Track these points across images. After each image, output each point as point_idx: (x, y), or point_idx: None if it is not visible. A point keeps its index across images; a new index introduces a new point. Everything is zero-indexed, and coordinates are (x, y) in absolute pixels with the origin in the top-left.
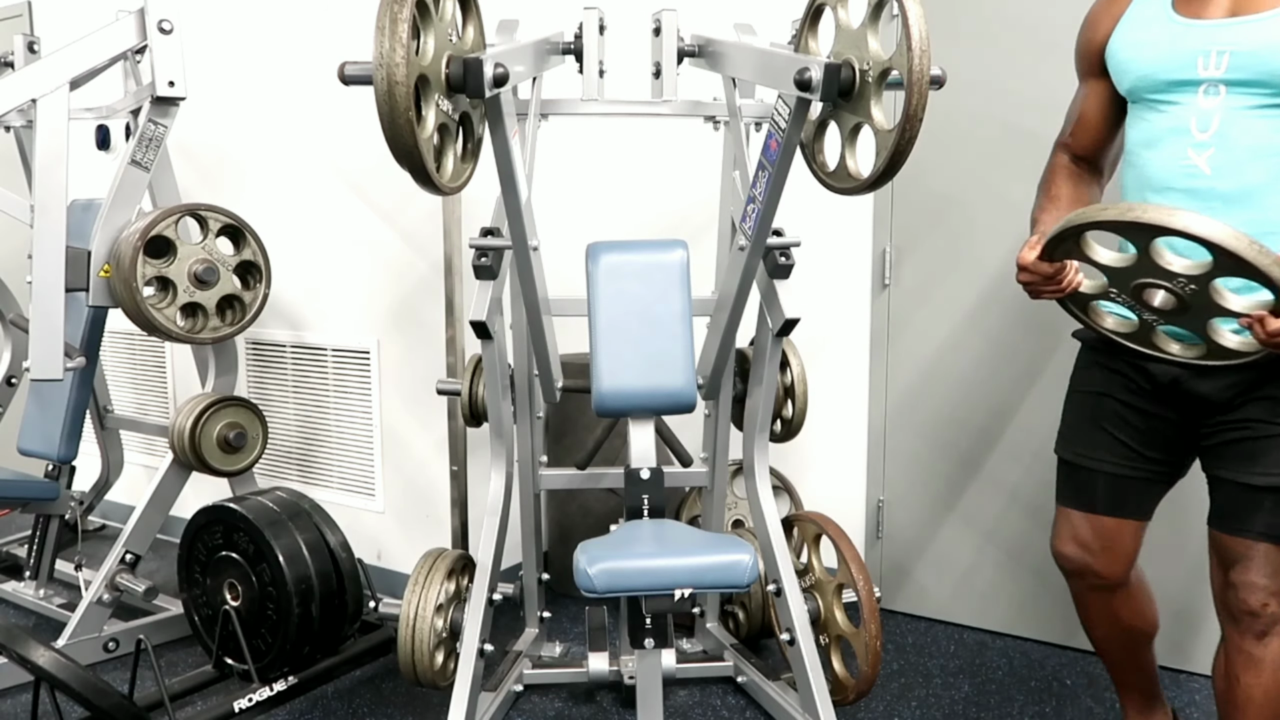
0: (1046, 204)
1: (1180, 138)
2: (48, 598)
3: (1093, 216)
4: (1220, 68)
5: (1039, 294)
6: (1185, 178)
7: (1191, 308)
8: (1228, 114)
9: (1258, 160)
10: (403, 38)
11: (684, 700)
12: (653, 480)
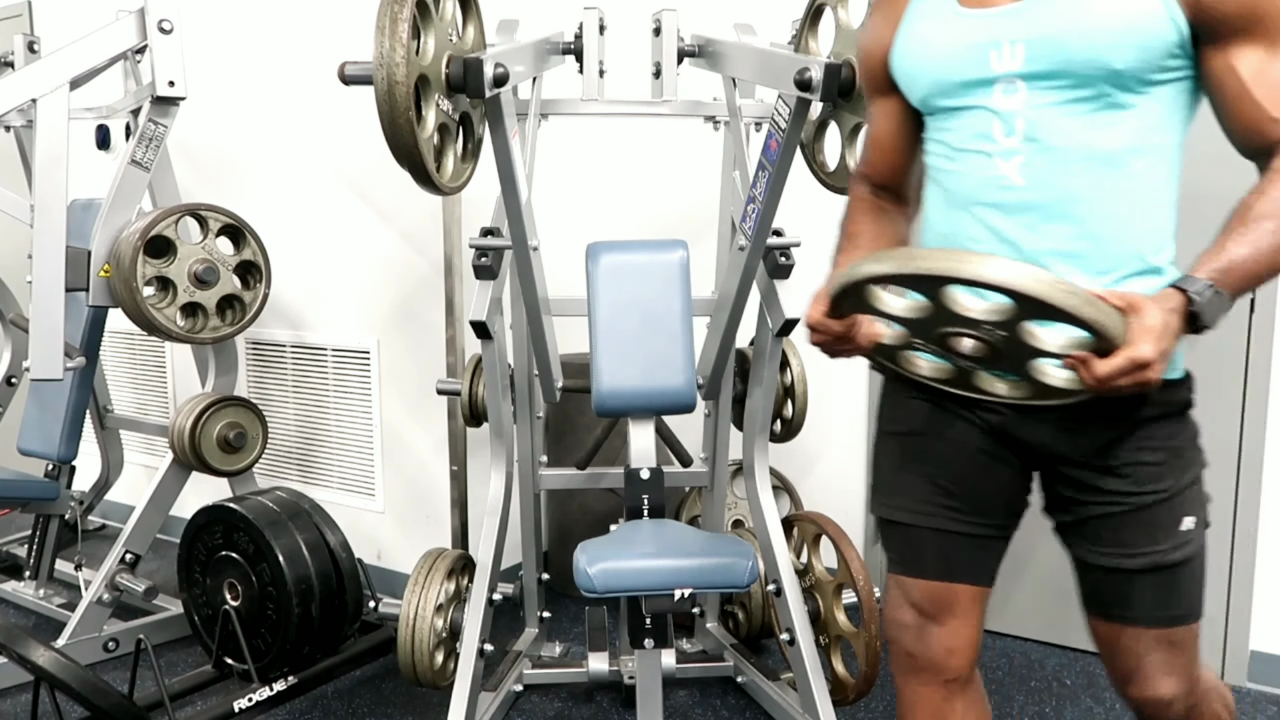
0: (845, 245)
1: (983, 145)
2: (48, 598)
3: (869, 270)
4: (1015, 60)
5: (835, 353)
6: (995, 190)
7: (1005, 353)
8: (1033, 113)
9: (1074, 164)
10: (403, 38)
11: (684, 700)
12: (653, 480)
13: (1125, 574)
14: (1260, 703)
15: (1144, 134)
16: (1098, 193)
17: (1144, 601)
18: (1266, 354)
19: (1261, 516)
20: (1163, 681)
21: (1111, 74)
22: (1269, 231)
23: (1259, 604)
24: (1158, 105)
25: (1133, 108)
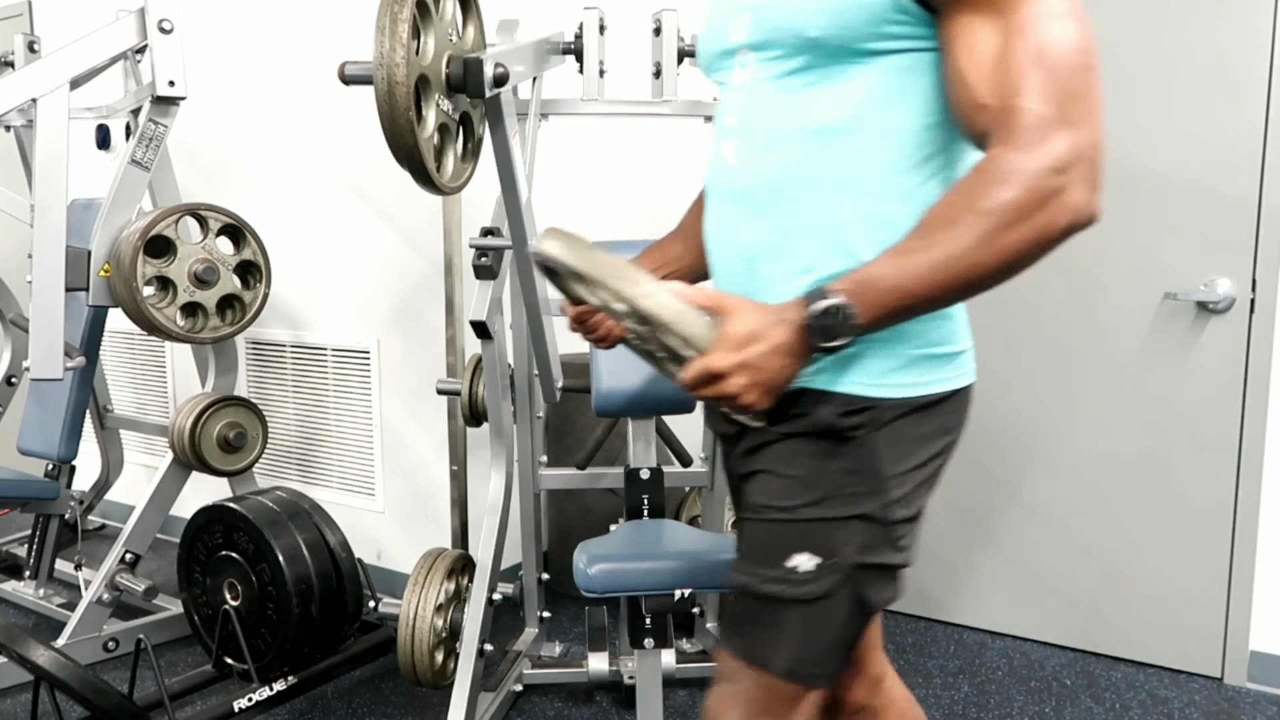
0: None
1: (720, 125)
2: (48, 597)
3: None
4: (743, 30)
5: (596, 343)
6: (718, 176)
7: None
8: (752, 89)
9: (774, 148)
10: (403, 38)
11: (684, 700)
12: (653, 480)
13: (733, 586)
14: (1260, 703)
15: (858, 110)
16: (799, 177)
17: (728, 620)
18: (1266, 354)
19: (1261, 516)
20: (717, 713)
21: (809, 42)
22: (933, 245)
23: (1259, 604)
24: (879, 78)
25: (844, 81)
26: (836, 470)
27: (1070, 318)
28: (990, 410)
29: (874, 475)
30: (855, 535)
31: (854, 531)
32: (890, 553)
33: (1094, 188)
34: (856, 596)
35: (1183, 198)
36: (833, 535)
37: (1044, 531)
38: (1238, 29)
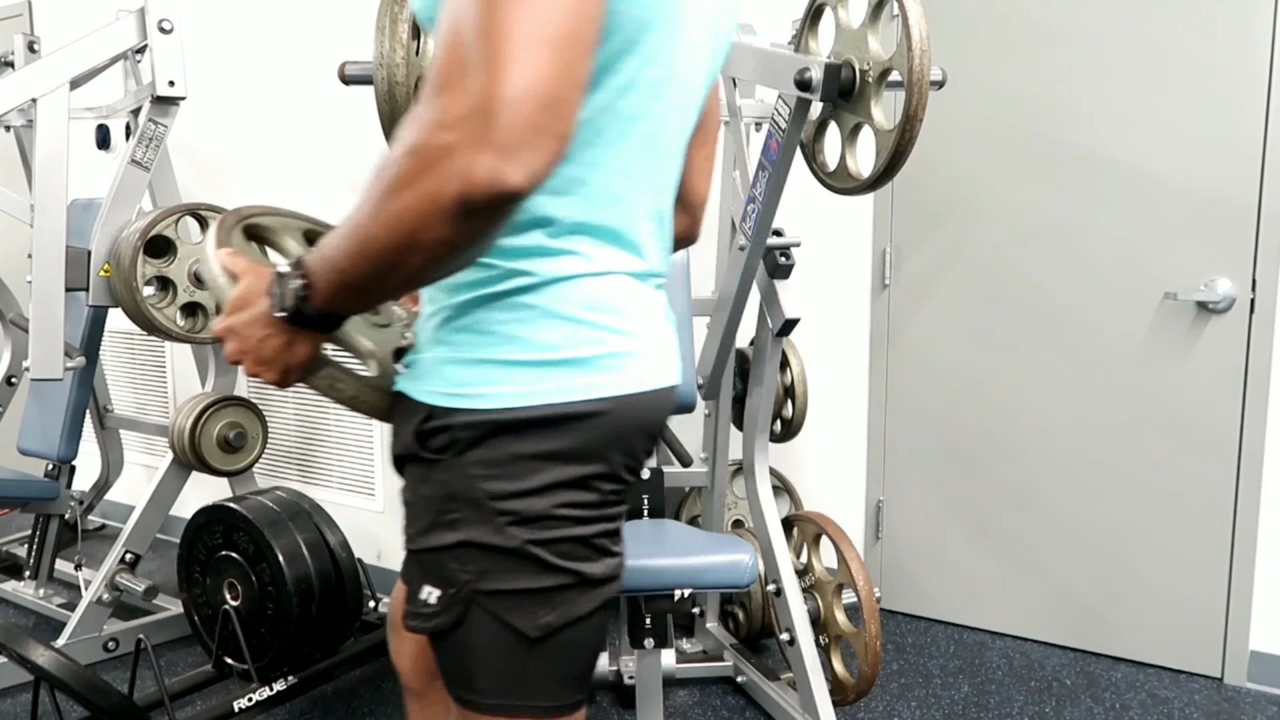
0: None
1: None
2: (48, 597)
3: None
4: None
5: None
6: None
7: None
8: None
9: None
10: (403, 38)
11: (684, 700)
12: (653, 480)
13: None
14: (1260, 703)
15: None
16: None
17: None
18: (1266, 354)
19: (1261, 516)
20: None
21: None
22: (350, 216)
23: (1259, 604)
24: None
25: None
26: (431, 496)
27: (1070, 317)
28: (989, 410)
29: (470, 501)
30: (468, 563)
31: (464, 559)
32: (532, 576)
33: (495, 148)
34: (502, 622)
35: (1183, 198)
36: (446, 564)
37: (1044, 531)
38: (1238, 29)
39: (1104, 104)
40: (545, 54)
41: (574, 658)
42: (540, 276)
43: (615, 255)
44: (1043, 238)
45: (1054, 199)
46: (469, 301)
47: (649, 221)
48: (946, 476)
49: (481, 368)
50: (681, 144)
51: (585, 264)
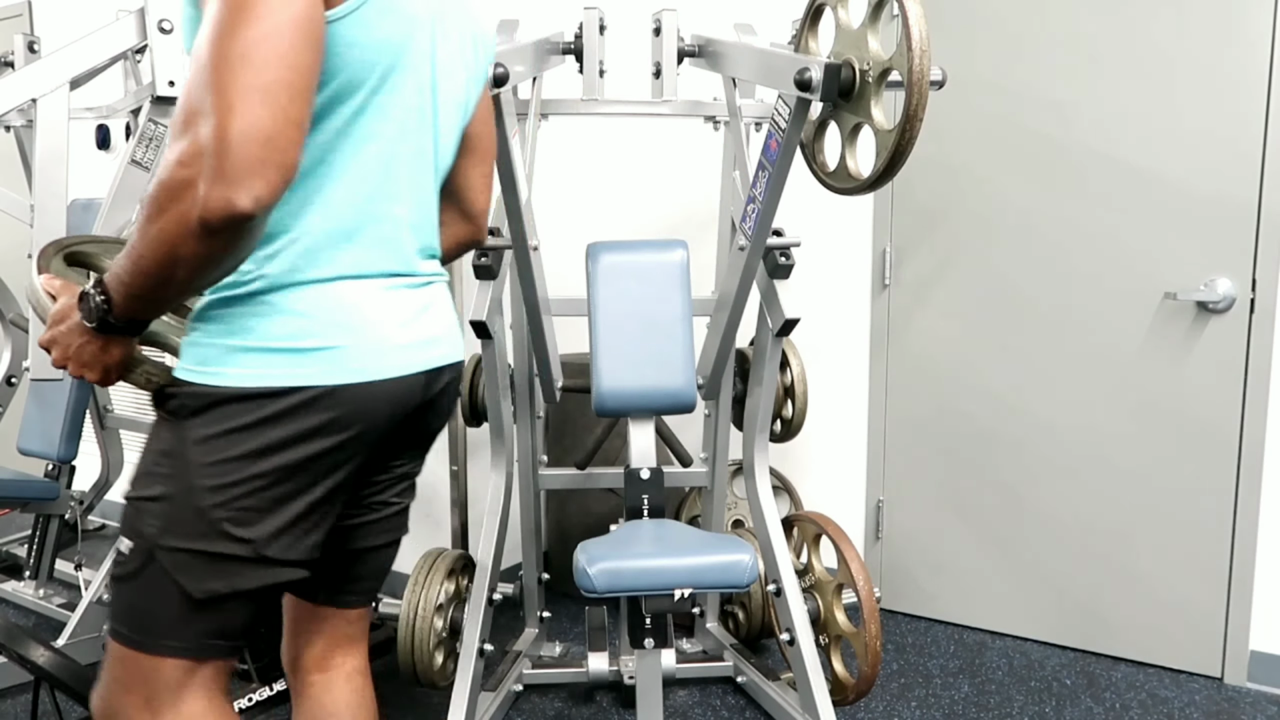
0: None
1: None
2: (48, 597)
3: None
4: None
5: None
6: None
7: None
8: None
9: None
10: None
11: (684, 700)
12: (653, 480)
13: None
14: (1260, 703)
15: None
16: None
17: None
18: (1266, 354)
19: (1261, 516)
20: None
21: None
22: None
23: (1259, 604)
24: None
25: None
26: (153, 450)
27: (1070, 317)
28: (989, 410)
29: (180, 458)
30: (156, 517)
31: (155, 513)
32: (211, 541)
33: (225, 179)
34: (171, 579)
35: (1183, 198)
36: (141, 514)
37: (1044, 531)
38: (1238, 29)
39: (1104, 104)
40: (261, 100)
41: (228, 624)
42: (276, 279)
43: (350, 261)
44: (1043, 238)
45: (1054, 199)
46: (221, 299)
47: (389, 230)
48: (946, 476)
49: (219, 350)
50: (428, 164)
51: (319, 270)
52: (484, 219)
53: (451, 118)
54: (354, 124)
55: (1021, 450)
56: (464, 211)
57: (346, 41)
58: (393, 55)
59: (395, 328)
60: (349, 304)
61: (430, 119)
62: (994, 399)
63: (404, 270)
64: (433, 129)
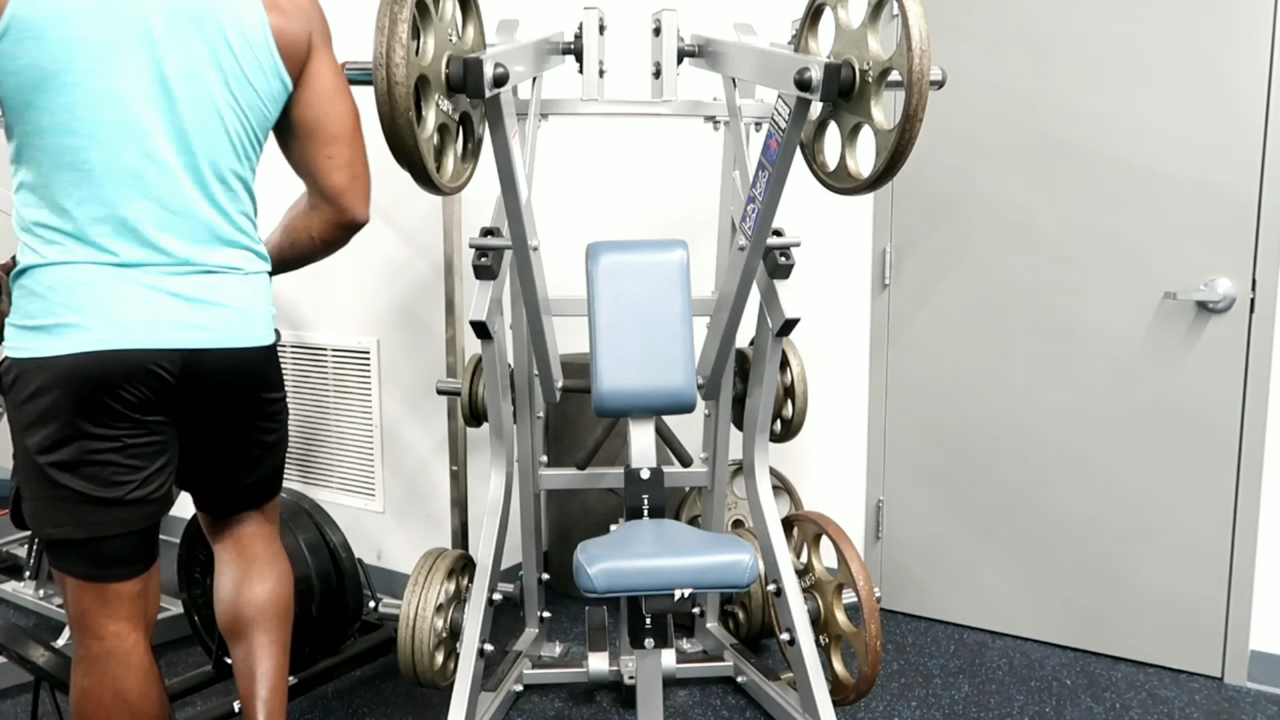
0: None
1: None
2: (48, 598)
3: None
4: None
5: None
6: None
7: None
8: None
9: None
10: (403, 38)
11: (684, 700)
12: (653, 480)
13: None
14: (1260, 702)
15: None
16: None
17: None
18: (1266, 354)
19: (1261, 516)
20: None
21: None
22: None
23: (1259, 604)
24: None
25: None
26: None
27: (1070, 317)
28: (989, 410)
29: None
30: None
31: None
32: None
33: None
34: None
35: (1182, 197)
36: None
37: (1044, 531)
38: (1237, 28)
39: (1104, 103)
40: None
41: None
42: (28, 264)
43: (80, 250)
44: (1043, 237)
45: (1054, 199)
46: (11, 277)
47: (108, 225)
48: (946, 476)
49: (9, 328)
50: (170, 166)
51: (57, 254)
52: (346, 199)
53: (203, 118)
54: (37, 137)
55: (1021, 450)
56: (322, 195)
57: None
58: (59, 78)
59: (115, 308)
60: (75, 288)
61: (157, 125)
62: (994, 399)
63: (130, 261)
64: (168, 134)
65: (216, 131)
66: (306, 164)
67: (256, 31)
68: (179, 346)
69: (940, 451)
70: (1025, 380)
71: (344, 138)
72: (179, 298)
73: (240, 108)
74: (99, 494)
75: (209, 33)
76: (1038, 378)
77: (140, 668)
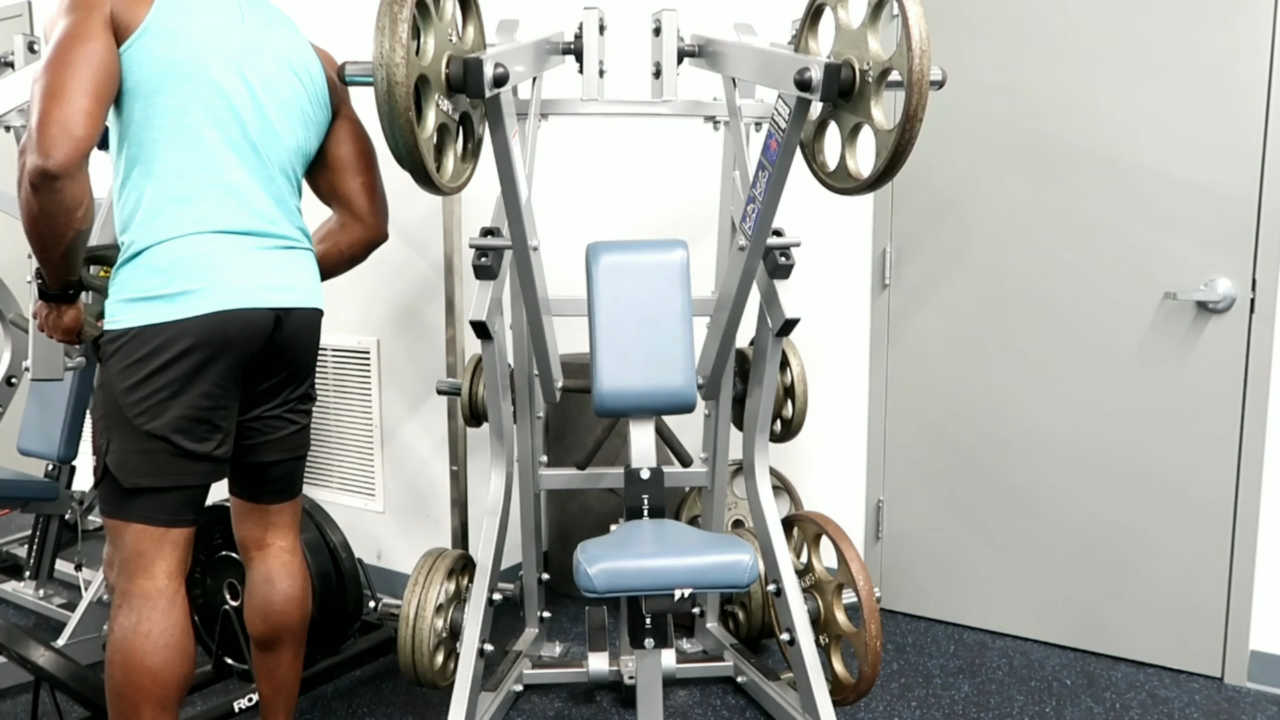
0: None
1: None
2: (48, 598)
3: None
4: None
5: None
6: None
7: None
8: None
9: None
10: (403, 38)
11: (684, 700)
12: (653, 480)
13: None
14: (1260, 702)
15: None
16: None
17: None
18: (1266, 354)
19: (1261, 516)
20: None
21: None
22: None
23: (1259, 604)
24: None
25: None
26: (96, 388)
27: (1070, 317)
28: (989, 410)
29: (108, 387)
30: (104, 431)
31: (102, 429)
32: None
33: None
34: (111, 476)
35: (1183, 197)
36: (98, 431)
37: (1044, 531)
38: (1238, 28)
39: (1104, 103)
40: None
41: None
42: (140, 244)
43: (188, 221)
44: (1043, 237)
45: (1054, 199)
46: (120, 264)
47: (217, 194)
48: (946, 476)
49: (117, 304)
50: (232, 144)
51: (167, 230)
52: (372, 219)
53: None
54: (161, 117)
55: (1021, 450)
56: (354, 215)
57: (136, 60)
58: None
59: (228, 273)
60: (191, 258)
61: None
62: (994, 399)
63: (234, 228)
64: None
65: (289, 133)
66: (340, 191)
67: (315, 68)
68: (274, 305)
69: (940, 451)
70: (1025, 380)
71: (373, 168)
72: (271, 267)
73: (307, 124)
74: (191, 447)
75: (283, 56)
76: (1038, 378)
77: (182, 606)
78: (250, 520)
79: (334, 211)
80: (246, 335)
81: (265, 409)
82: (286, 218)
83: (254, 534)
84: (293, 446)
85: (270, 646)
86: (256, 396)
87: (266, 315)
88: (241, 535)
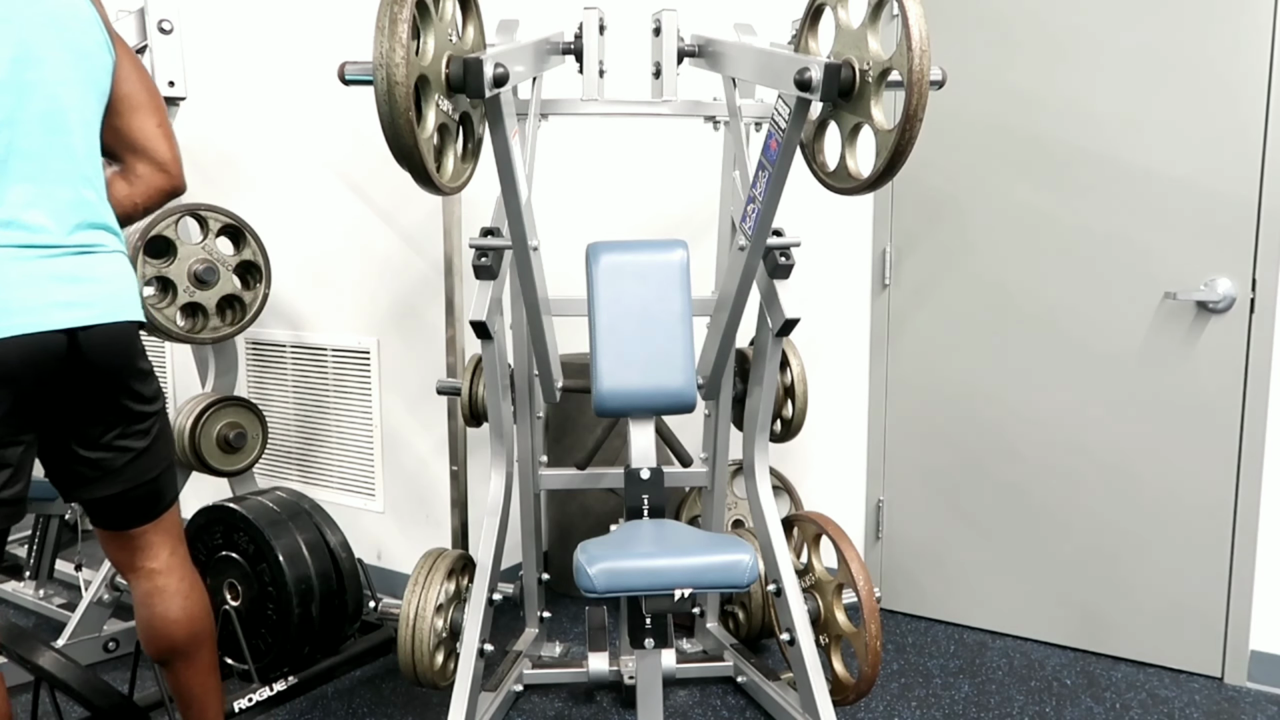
0: None
1: None
2: (48, 598)
3: None
4: None
5: None
6: None
7: None
8: None
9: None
10: (403, 38)
11: (684, 700)
12: (653, 480)
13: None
14: (1260, 702)
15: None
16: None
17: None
18: (1266, 354)
19: (1262, 516)
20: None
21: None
22: None
23: (1259, 604)
24: None
25: None
26: None
27: (1070, 317)
28: (989, 410)
29: None
30: None
31: None
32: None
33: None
34: None
35: (1183, 197)
36: None
37: (1044, 531)
38: (1238, 29)
39: (1104, 103)
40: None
41: None
42: None
43: None
44: (1043, 237)
45: (1054, 199)
46: None
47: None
48: (946, 476)
49: None
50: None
51: None
52: (174, 166)
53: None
54: None
55: (1021, 450)
56: (152, 162)
57: None
58: None
59: (15, 291)
60: None
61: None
62: (994, 399)
63: (22, 242)
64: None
65: (71, 114)
66: (135, 135)
67: (68, 16)
68: (65, 326)
69: (940, 451)
70: (1025, 380)
71: (163, 108)
72: (59, 279)
73: (94, 87)
74: None
75: (34, 21)
76: (1038, 378)
77: None
78: (114, 545)
79: (123, 162)
80: (34, 363)
81: (89, 443)
82: (82, 217)
83: (122, 558)
84: (135, 474)
85: (166, 664)
86: (71, 428)
87: (57, 338)
88: (112, 559)
